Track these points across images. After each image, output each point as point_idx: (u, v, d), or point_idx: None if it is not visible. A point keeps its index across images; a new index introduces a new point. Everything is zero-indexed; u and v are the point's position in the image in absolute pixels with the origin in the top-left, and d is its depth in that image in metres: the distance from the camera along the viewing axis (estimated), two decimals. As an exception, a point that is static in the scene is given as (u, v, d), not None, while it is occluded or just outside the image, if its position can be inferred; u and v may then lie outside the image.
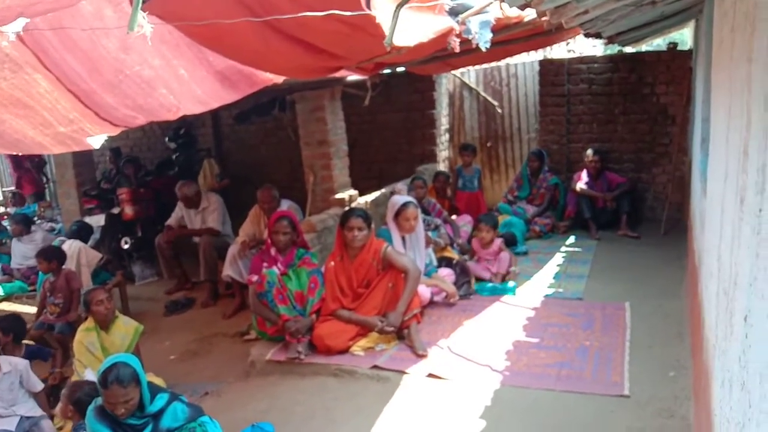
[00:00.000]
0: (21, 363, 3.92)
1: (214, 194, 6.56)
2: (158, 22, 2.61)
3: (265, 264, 4.48)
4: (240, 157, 9.10)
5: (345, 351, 4.15)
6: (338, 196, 6.02)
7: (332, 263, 4.44)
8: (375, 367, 3.94)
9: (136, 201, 6.99)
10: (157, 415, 2.81)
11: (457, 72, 8.18)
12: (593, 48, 9.44)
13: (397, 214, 4.80)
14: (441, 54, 4.02)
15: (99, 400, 2.78)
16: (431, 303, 4.85)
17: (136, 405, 2.72)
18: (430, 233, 5.41)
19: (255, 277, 4.44)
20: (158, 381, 3.76)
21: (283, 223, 4.50)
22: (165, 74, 3.73)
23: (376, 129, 8.09)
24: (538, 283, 5.24)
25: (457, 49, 2.87)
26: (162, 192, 7.26)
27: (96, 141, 4.47)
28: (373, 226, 4.56)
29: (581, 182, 6.86)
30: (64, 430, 3.60)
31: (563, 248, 6.28)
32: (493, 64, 7.98)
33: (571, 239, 6.58)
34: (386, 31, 2.49)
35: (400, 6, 2.33)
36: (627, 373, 3.55)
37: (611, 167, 7.06)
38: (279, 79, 4.06)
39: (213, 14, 2.51)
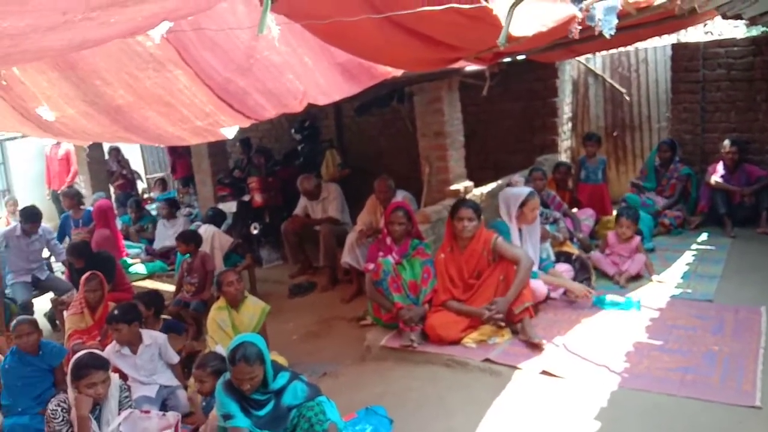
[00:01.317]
0: (160, 336, 4.32)
1: (334, 184, 6.81)
2: (285, 21, 2.76)
3: (381, 253, 4.60)
4: (360, 147, 9.35)
5: (457, 342, 4.17)
6: (453, 187, 6.02)
7: (442, 255, 4.47)
8: (487, 360, 3.93)
9: (265, 189, 7.42)
10: (279, 393, 3.00)
11: (582, 58, 7.85)
12: (734, 29, 8.66)
13: (523, 204, 4.74)
14: (564, 41, 3.90)
15: (227, 375, 3.01)
16: (548, 299, 4.74)
17: (260, 382, 2.92)
18: (548, 227, 5.28)
19: (371, 266, 4.57)
20: (281, 360, 3.99)
21: (398, 213, 4.60)
22: (291, 60, 3.91)
23: (494, 119, 7.97)
24: (665, 283, 4.95)
25: (577, 36, 2.78)
26: (288, 181, 7.63)
27: (229, 132, 4.80)
28: (483, 217, 4.54)
29: (716, 175, 6.36)
30: (197, 398, 3.92)
31: (694, 246, 5.87)
32: (621, 49, 7.57)
33: (703, 236, 6.13)
34: (503, 22, 2.47)
35: (515, 5, 2.30)
36: (759, 382, 3.28)
37: (751, 159, 6.48)
38: (398, 71, 4.14)
39: (336, 12, 2.62)
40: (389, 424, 3.35)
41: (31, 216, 6.54)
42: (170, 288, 6.44)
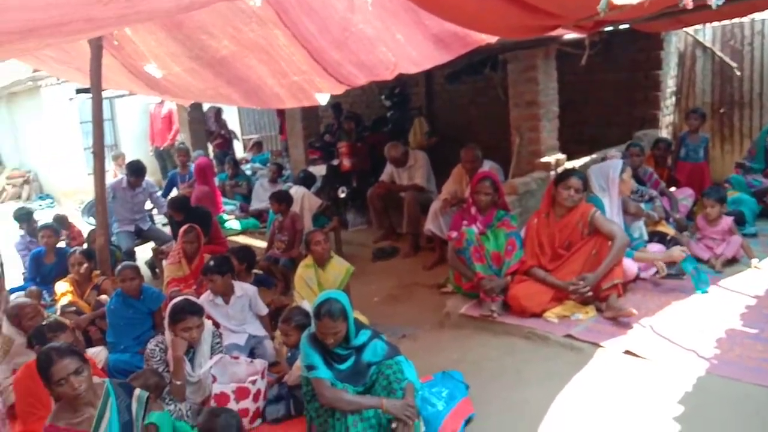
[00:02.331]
0: (250, 289, 4.55)
1: (421, 152, 6.82)
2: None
3: (464, 222, 4.60)
4: (449, 116, 9.27)
5: (539, 315, 4.14)
6: (544, 159, 5.88)
7: (536, 220, 4.41)
8: (569, 336, 3.88)
9: (354, 154, 7.54)
10: (360, 349, 3.11)
11: (690, 29, 7.36)
12: None
13: (621, 173, 4.63)
14: (671, 10, 3.69)
15: (312, 329, 3.15)
16: (636, 279, 4.59)
17: (342, 337, 3.03)
18: (643, 205, 5.07)
19: (454, 234, 4.58)
20: (363, 319, 4.12)
21: (485, 183, 4.56)
22: (384, 36, 3.95)
23: (592, 90, 7.65)
24: (765, 270, 4.67)
25: (690, 5, 2.62)
26: (376, 147, 7.72)
27: (323, 98, 4.92)
28: (586, 192, 4.43)
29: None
30: (282, 350, 4.12)
31: (803, 232, 5.47)
32: (735, 20, 7.03)
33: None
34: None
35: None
36: None
37: None
38: (492, 39, 4.06)
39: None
40: (465, 390, 3.39)
41: (136, 170, 7.00)
42: (261, 244, 6.73)
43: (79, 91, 10.47)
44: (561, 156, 6.03)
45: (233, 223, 7.89)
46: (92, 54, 5.04)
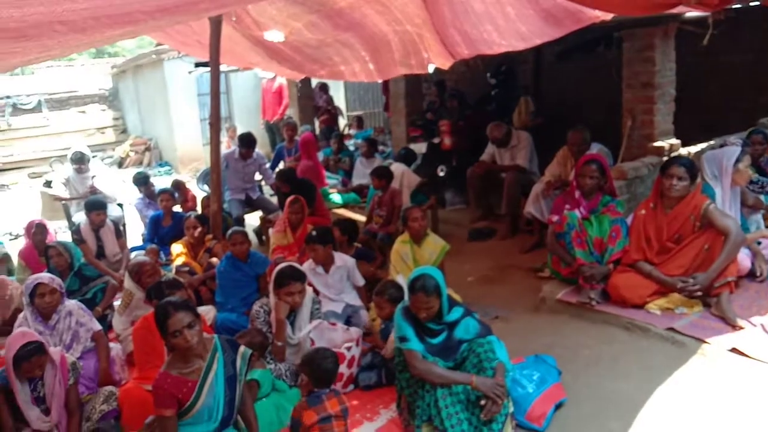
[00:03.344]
0: (350, 260, 4.70)
1: (525, 132, 6.68)
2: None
3: (567, 206, 4.48)
4: (557, 95, 8.98)
5: (640, 306, 3.98)
6: (657, 144, 5.59)
7: (643, 211, 4.21)
8: (671, 329, 3.71)
9: (455, 133, 7.51)
10: (452, 325, 3.15)
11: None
12: None
13: (737, 161, 4.31)
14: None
15: (406, 302, 3.22)
16: (750, 274, 4.30)
17: (435, 312, 3.08)
18: (763, 197, 4.72)
19: (555, 218, 4.49)
20: (456, 297, 4.15)
21: (591, 166, 4.41)
22: (493, 11, 3.89)
23: (714, 72, 7.16)
24: None
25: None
26: (478, 126, 7.64)
27: (431, 66, 4.97)
28: (698, 180, 4.17)
29: None
30: (376, 322, 4.25)
31: None
32: None
33: None
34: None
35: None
36: None
37: None
38: (607, 16, 3.91)
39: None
40: (557, 375, 3.36)
41: (247, 142, 7.35)
42: (360, 218, 6.90)
43: (197, 64, 11.11)
44: (675, 141, 5.71)
45: (335, 197, 8.12)
46: (211, 30, 5.33)
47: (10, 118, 14.46)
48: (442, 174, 7.42)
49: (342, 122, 12.65)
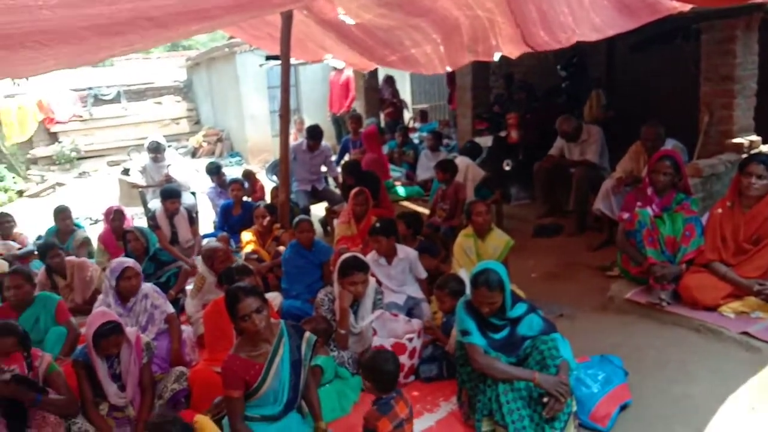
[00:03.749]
0: (412, 253, 4.71)
1: (595, 126, 6.50)
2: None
3: (639, 203, 4.35)
4: (630, 89, 8.68)
5: (713, 308, 3.82)
6: (736, 140, 5.33)
7: (719, 210, 4.03)
8: (745, 333, 3.55)
9: (522, 126, 7.39)
10: (515, 321, 3.12)
11: None
12: None
13: None
14: None
15: (469, 296, 3.22)
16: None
17: (498, 307, 3.07)
18: None
19: (626, 215, 4.36)
20: (519, 293, 4.10)
21: (665, 162, 4.26)
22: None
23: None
24: None
25: None
26: (547, 120, 7.49)
27: (497, 54, 4.92)
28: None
29: None
30: (437, 315, 4.25)
31: None
32: None
33: None
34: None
35: None
36: None
37: None
38: (686, 7, 3.75)
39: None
40: (623, 375, 3.28)
41: (315, 134, 7.48)
42: (423, 211, 6.92)
43: (268, 57, 11.37)
44: (755, 138, 5.43)
45: (399, 189, 8.17)
46: (283, 23, 5.46)
47: (91, 108, 15.22)
48: (507, 168, 7.32)
49: (407, 115, 12.67)
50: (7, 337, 3.10)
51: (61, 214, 6.45)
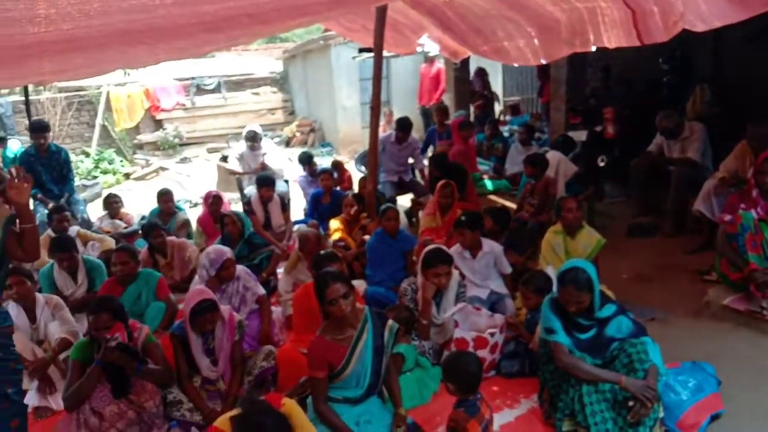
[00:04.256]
0: (497, 247, 4.67)
1: (698, 123, 6.16)
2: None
3: (742, 205, 4.11)
4: (739, 83, 8.12)
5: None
6: None
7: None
8: None
9: (619, 121, 7.13)
10: (603, 322, 3.05)
11: None
12: None
13: None
14: None
15: (555, 294, 3.17)
16: None
17: (585, 307, 3.00)
18: None
19: (728, 217, 4.14)
20: (609, 294, 3.99)
21: (775, 163, 4.00)
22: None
23: None
24: None
25: None
26: (646, 115, 7.17)
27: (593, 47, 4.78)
28: None
29: None
30: (521, 311, 4.21)
31: None
32: None
33: None
34: None
35: None
36: None
37: None
38: (806, -4, 3.49)
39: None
40: (716, 384, 3.14)
41: (404, 126, 7.54)
42: (510, 205, 6.82)
43: (361, 50, 11.55)
44: None
45: (486, 183, 8.09)
46: (377, 16, 5.55)
47: (194, 97, 16.03)
48: (602, 164, 7.07)
49: (497, 108, 12.49)
50: (103, 312, 3.26)
51: (164, 196, 6.87)
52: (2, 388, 2.62)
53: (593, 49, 4.92)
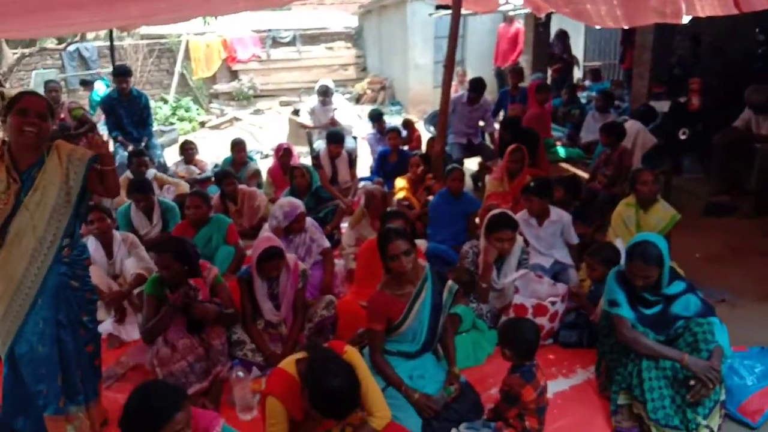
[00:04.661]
0: (566, 216, 4.56)
1: (795, 98, 5.77)
2: None
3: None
4: None
5: None
6: None
7: None
8: None
9: (706, 93, 6.75)
10: (670, 299, 2.96)
11: None
12: None
13: None
14: None
15: (622, 266, 3.10)
16: None
17: (652, 282, 2.92)
18: None
19: (818, 201, 3.90)
20: (679, 271, 3.85)
21: None
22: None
23: None
24: None
25: None
26: (737, 87, 6.75)
27: (685, 18, 4.51)
28: None
29: None
30: (585, 283, 4.13)
31: None
32: None
33: None
34: None
35: None
36: None
37: None
38: None
39: None
40: (786, 373, 3.01)
41: (477, 87, 7.38)
42: (582, 175, 6.63)
43: (438, 7, 11.32)
44: None
45: (559, 150, 7.86)
46: (456, -28, 5.40)
47: (269, 50, 16.19)
48: (683, 137, 6.74)
49: (577, 73, 12.02)
50: (165, 252, 3.38)
51: (237, 146, 7.06)
52: (78, 316, 2.82)
53: (685, 20, 4.64)
